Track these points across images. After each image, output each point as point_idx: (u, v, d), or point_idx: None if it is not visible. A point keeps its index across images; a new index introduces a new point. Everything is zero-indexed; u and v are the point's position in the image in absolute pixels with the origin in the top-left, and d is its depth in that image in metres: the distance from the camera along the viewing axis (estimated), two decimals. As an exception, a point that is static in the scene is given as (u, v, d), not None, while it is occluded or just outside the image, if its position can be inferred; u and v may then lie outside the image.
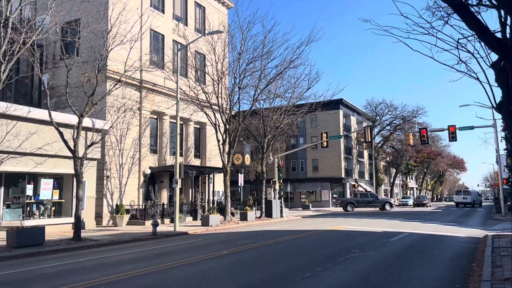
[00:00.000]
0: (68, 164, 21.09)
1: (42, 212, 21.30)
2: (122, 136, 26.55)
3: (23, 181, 20.81)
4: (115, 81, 20.92)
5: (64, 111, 22.94)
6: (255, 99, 29.32)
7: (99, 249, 15.76)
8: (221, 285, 8.79)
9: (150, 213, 26.10)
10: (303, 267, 10.69)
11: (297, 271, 10.07)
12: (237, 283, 8.96)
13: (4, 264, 12.25)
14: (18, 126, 19.56)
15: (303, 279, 9.24)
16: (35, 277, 10.24)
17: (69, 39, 20.41)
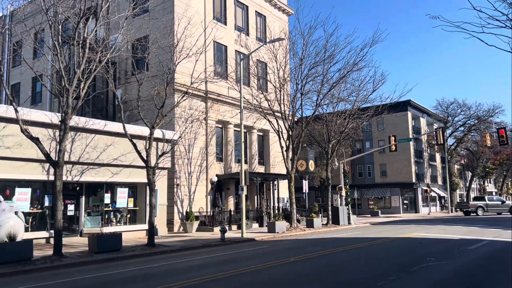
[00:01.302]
0: (141, 173, 22.22)
1: (118, 219, 22.62)
2: (190, 146, 27.51)
3: (101, 190, 22.26)
4: (183, 93, 21.77)
5: (137, 124, 24.28)
6: (318, 104, 29.04)
7: (172, 254, 16.37)
8: (291, 293, 8.73)
9: (218, 219, 26.70)
10: (375, 276, 10.31)
11: (369, 280, 9.74)
12: (307, 291, 8.84)
13: (88, 268, 13.14)
14: (96, 139, 20.99)
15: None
16: (115, 281, 10.85)
17: (139, 55, 21.62)
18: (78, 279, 11.19)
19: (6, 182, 18.08)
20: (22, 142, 17.46)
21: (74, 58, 16.30)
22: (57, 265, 13.42)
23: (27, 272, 12.55)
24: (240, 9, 33.45)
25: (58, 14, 16.72)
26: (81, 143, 20.34)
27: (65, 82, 15.37)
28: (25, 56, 19.36)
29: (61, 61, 15.33)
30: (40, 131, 17.85)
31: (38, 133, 17.09)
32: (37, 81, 32.14)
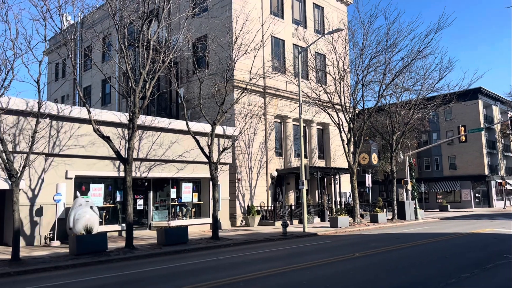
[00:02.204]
0: (204, 169, 22.87)
1: (184, 213, 23.47)
2: (250, 141, 27.82)
3: (167, 186, 23.21)
4: (242, 89, 22.04)
5: (199, 121, 24.99)
6: (381, 95, 28.09)
7: (235, 248, 16.70)
8: (356, 288, 8.55)
9: (279, 214, 26.80)
10: (446, 272, 9.80)
11: (439, 277, 9.28)
12: (374, 286, 8.61)
13: (157, 260, 13.78)
14: (161, 136, 21.90)
15: (447, 285, 8.47)
16: (185, 272, 11.27)
17: (199, 54, 22.19)
18: (149, 270, 11.77)
19: (82, 179, 19.42)
20: (95, 141, 18.65)
21: (139, 59, 17.06)
22: (129, 257, 14.20)
23: (103, 263, 13.41)
24: (298, 2, 33.14)
25: (124, 18, 17.60)
26: (148, 141, 21.31)
27: (132, 83, 16.16)
28: (95, 59, 20.62)
29: (127, 63, 16.13)
30: (110, 130, 18.94)
31: (109, 132, 18.15)
32: (106, 83, 34.10)
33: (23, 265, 12.52)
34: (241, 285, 9.01)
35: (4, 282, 10.68)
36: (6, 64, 13.36)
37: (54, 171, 18.25)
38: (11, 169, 13.53)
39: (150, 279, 10.31)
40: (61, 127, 18.37)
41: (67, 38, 16.06)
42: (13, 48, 13.57)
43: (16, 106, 16.37)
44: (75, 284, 10.17)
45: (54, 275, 11.45)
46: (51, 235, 17.66)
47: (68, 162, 18.72)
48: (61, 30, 16.16)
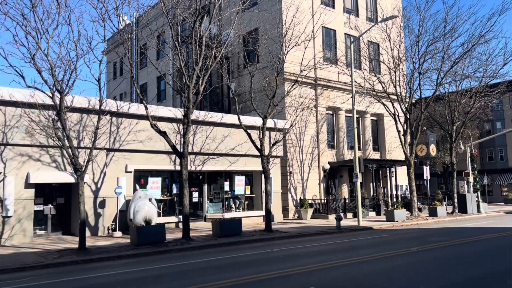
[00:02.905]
0: (256, 162, 23.04)
1: (237, 205, 23.83)
2: (301, 134, 27.63)
3: (221, 179, 23.65)
4: (292, 82, 21.90)
5: (250, 114, 25.16)
6: (439, 83, 26.78)
7: (288, 240, 16.72)
8: (415, 284, 8.26)
9: (332, 207, 26.47)
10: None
11: (505, 275, 8.74)
12: (434, 282, 8.29)
13: (213, 251, 14.12)
14: (214, 130, 22.31)
15: (517, 284, 7.96)
16: (239, 264, 11.46)
17: (250, 48, 22.29)
18: (205, 260, 12.09)
19: (141, 172, 20.26)
20: (152, 136, 19.36)
21: (192, 56, 17.43)
22: (186, 247, 14.66)
23: (162, 253, 13.95)
24: (348, -10, 32.26)
25: (177, 15, 18.04)
26: (202, 135, 21.80)
27: (185, 79, 16.57)
28: (150, 57, 21.36)
29: (181, 59, 16.54)
30: (166, 126, 19.57)
31: (165, 127, 18.76)
32: (161, 80, 35.23)
33: (89, 254, 13.32)
34: (296, 278, 9.02)
35: (73, 270, 11.42)
36: (70, 65, 14.17)
37: (115, 165, 19.18)
38: (76, 163, 14.39)
39: (207, 270, 10.59)
40: (121, 123, 19.24)
41: (124, 37, 16.74)
42: (75, 49, 14.37)
43: (79, 104, 17.34)
44: (137, 273, 10.66)
45: (117, 264, 12.08)
46: (113, 226, 18.62)
47: (128, 156, 19.59)
48: (118, 30, 16.86)
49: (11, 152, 16.53)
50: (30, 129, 16.27)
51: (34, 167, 16.95)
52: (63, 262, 12.25)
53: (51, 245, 15.44)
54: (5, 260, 12.41)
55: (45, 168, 17.25)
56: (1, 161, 16.26)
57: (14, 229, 16.32)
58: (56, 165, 17.59)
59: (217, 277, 9.33)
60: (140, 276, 10.11)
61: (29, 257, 13.00)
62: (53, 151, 17.45)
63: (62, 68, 14.13)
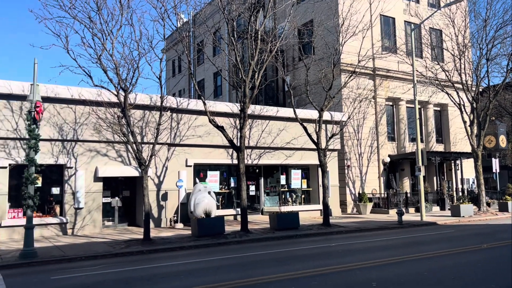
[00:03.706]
0: (312, 155, 22.85)
1: (294, 199, 23.79)
2: (359, 126, 26.96)
3: (277, 172, 23.72)
4: (350, 73, 21.39)
5: (306, 108, 24.96)
6: (509, 70, 24.93)
7: (347, 235, 16.44)
8: (485, 282, 7.80)
9: (393, 201, 25.63)
10: None
11: None
12: (508, 281, 7.77)
13: (270, 244, 14.23)
14: (270, 124, 22.39)
15: None
16: (296, 257, 11.45)
17: (305, 40, 22.04)
18: (263, 253, 12.22)
19: (200, 166, 20.83)
20: (210, 131, 19.82)
21: (248, 50, 17.57)
22: (244, 240, 14.90)
23: (221, 245, 14.28)
24: (408, -24, 30.85)
25: (232, 11, 18.24)
26: (258, 129, 21.97)
27: (241, 74, 16.75)
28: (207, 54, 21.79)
29: (237, 55, 16.72)
30: (223, 120, 19.93)
31: (222, 122, 19.11)
32: (217, 75, 35.88)
33: (153, 245, 13.94)
34: (357, 273, 8.85)
35: (139, 259, 12.02)
36: (133, 64, 14.83)
37: (175, 160, 19.87)
38: (140, 158, 15.07)
39: (267, 262, 10.69)
40: (180, 119, 19.87)
41: (182, 35, 17.22)
42: (137, 48, 15.01)
43: (142, 101, 18.11)
44: (199, 263, 11.01)
45: (180, 255, 12.54)
46: (175, 218, 19.33)
47: (188, 151, 20.21)
48: (177, 28, 17.37)
49: (81, 147, 17.66)
50: (97, 126, 17.27)
51: (101, 161, 17.99)
52: (130, 251, 12.93)
53: (118, 236, 16.35)
54: (79, 249, 13.32)
55: (112, 162, 18.25)
56: (72, 156, 17.42)
57: (85, 220, 17.46)
58: (121, 159, 18.55)
59: (277, 269, 9.39)
60: (202, 267, 10.42)
61: (99, 246, 13.85)
62: (119, 147, 18.41)
63: (126, 67, 14.84)
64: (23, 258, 11.80)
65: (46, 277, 9.69)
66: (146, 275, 9.47)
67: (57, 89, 16.75)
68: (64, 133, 17.15)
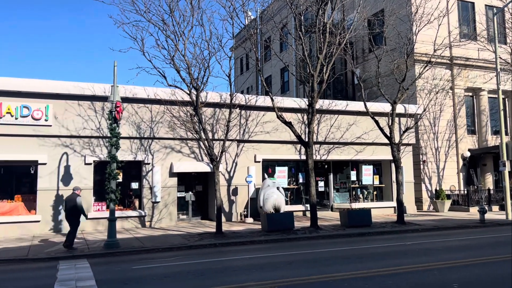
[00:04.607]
0: (384, 150, 22.04)
1: (365, 196, 23.14)
2: (436, 119, 25.50)
3: (347, 168, 23.20)
4: (424, 63, 20.27)
5: (377, 101, 24.12)
6: None
7: (423, 233, 15.66)
8: None
9: (473, 199, 23.96)
10: None
11: None
12: None
13: (341, 241, 13.97)
14: (339, 119, 21.95)
15: None
16: (369, 255, 11.12)
17: (376, 31, 21.26)
18: (334, 250, 12.03)
19: (268, 162, 20.99)
20: (277, 127, 19.89)
21: (316, 44, 17.34)
22: (314, 236, 14.77)
23: (291, 240, 14.29)
24: (489, -45, 28.50)
25: (300, 5, 18.08)
26: (326, 124, 21.64)
27: (309, 68, 16.56)
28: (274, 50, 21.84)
29: (305, 49, 16.56)
30: (291, 116, 19.89)
31: (290, 118, 19.07)
32: (284, 71, 35.85)
33: (225, 238, 14.31)
34: (435, 273, 8.39)
35: (212, 252, 12.41)
36: (204, 63, 15.29)
37: (244, 156, 20.21)
38: (212, 154, 15.53)
39: (338, 259, 10.52)
40: (249, 116, 20.15)
41: (250, 32, 17.41)
42: (208, 48, 15.45)
43: (213, 99, 18.63)
44: (269, 258, 11.11)
45: (250, 249, 12.75)
46: (245, 213, 19.69)
47: (256, 147, 20.46)
48: (245, 26, 17.60)
49: (157, 144, 18.59)
50: (172, 124, 18.08)
51: (176, 158, 18.81)
52: (203, 244, 13.39)
53: (192, 229, 17.01)
54: (156, 241, 14.06)
55: (185, 158, 19.01)
56: (149, 153, 18.41)
57: (161, 213, 18.38)
58: (194, 156, 19.25)
59: (350, 267, 9.20)
60: (273, 262, 10.50)
61: (174, 238, 14.51)
62: (192, 143, 19.12)
63: (197, 67, 15.34)
64: (107, 248, 12.71)
65: (128, 267, 10.35)
66: (219, 268, 9.74)
67: (134, 89, 17.76)
68: (141, 131, 18.17)
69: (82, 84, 17.22)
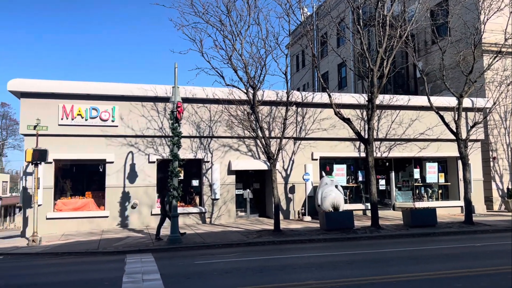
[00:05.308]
0: (450, 147, 20.93)
1: (430, 195, 22.11)
2: (507, 113, 23.77)
3: (409, 166, 22.29)
4: (494, 53, 18.96)
5: (441, 95, 22.95)
6: None
7: (494, 235, 14.67)
8: None
9: (552, 199, 22.06)
10: None
11: None
12: None
13: (404, 241, 13.45)
14: (400, 114, 21.14)
15: None
16: (435, 257, 10.58)
17: (440, 21, 20.21)
18: (396, 250, 11.60)
19: (326, 160, 20.70)
20: (335, 123, 19.55)
21: (375, 38, 16.80)
22: (375, 236, 14.35)
23: (350, 240, 13.99)
24: None
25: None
26: (387, 120, 20.94)
27: (369, 63, 16.08)
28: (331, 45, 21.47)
29: (364, 43, 16.10)
30: (349, 112, 19.46)
31: (348, 114, 18.65)
32: (341, 67, 35.15)
33: (283, 236, 14.31)
34: (510, 278, 7.81)
35: (270, 249, 12.46)
36: (260, 61, 15.38)
37: (301, 153, 20.08)
38: (269, 152, 15.59)
39: (400, 260, 10.13)
40: (305, 113, 19.99)
41: (307, 28, 17.23)
42: (264, 46, 15.51)
43: (269, 97, 18.69)
44: (328, 257, 10.95)
45: (309, 247, 12.65)
46: (302, 211, 19.57)
47: (313, 144, 20.25)
48: (301, 22, 17.46)
49: (216, 143, 18.99)
50: (229, 122, 18.38)
51: (234, 156, 19.10)
52: (261, 241, 13.49)
53: (250, 226, 17.20)
54: (216, 237, 14.37)
55: (242, 156, 19.25)
56: (208, 151, 18.84)
57: (221, 210, 18.76)
58: (251, 154, 19.44)
59: (414, 268, 8.82)
60: (333, 261, 10.33)
61: (233, 235, 14.75)
62: (249, 141, 19.31)
63: (254, 65, 15.46)
64: (170, 243, 13.20)
65: (190, 262, 10.67)
66: (278, 265, 9.75)
67: (194, 90, 18.26)
68: (201, 130, 18.65)
69: (145, 86, 18.00)
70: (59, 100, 17.17)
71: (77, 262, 11.39)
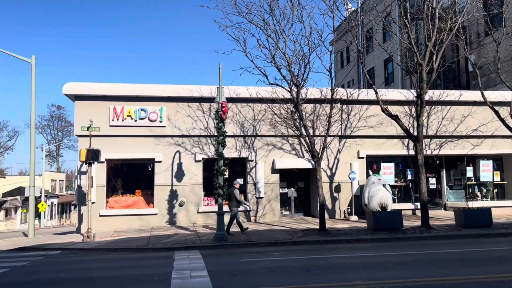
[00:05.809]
0: (506, 143, 19.83)
1: (484, 194, 21.04)
2: None
3: (461, 163, 21.32)
4: (555, 42, 17.76)
5: (496, 89, 21.76)
6: None
7: (558, 238, 13.70)
8: None
9: None
10: None
11: None
12: None
13: (456, 242, 12.88)
14: (451, 110, 20.28)
15: None
16: (495, 258, 10.07)
17: (494, 12, 19.17)
18: (447, 251, 11.14)
19: (373, 158, 20.22)
20: (382, 121, 19.05)
21: (424, 31, 16.20)
22: (425, 236, 13.84)
23: (399, 240, 13.57)
24: None
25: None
26: (437, 116, 20.15)
27: (417, 57, 15.52)
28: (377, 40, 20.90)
29: (412, 37, 15.56)
30: (397, 109, 18.88)
31: (396, 111, 18.11)
32: (388, 62, 34.17)
33: (329, 235, 14.14)
34: None
35: (316, 248, 12.35)
36: (304, 59, 15.26)
37: (347, 151, 19.73)
38: (313, 150, 15.45)
39: (453, 261, 9.71)
40: (351, 110, 19.62)
41: (352, 24, 16.90)
42: (307, 44, 15.38)
43: (313, 95, 18.51)
44: (377, 257, 10.68)
45: (356, 247, 12.41)
46: (349, 210, 19.24)
47: (359, 142, 19.85)
48: (345, 18, 17.14)
49: (259, 142, 19.06)
50: (273, 121, 18.39)
51: (277, 154, 19.10)
52: (307, 240, 13.40)
53: (295, 224, 17.13)
54: (262, 235, 14.44)
55: (286, 155, 19.20)
56: (252, 150, 18.96)
57: (265, 209, 18.83)
58: (295, 152, 19.34)
59: (468, 270, 8.41)
60: (380, 261, 10.08)
61: (279, 234, 14.75)
62: (292, 140, 19.23)
63: (297, 63, 15.35)
64: (216, 240, 13.41)
65: (236, 259, 10.78)
66: (324, 265, 9.64)
67: (238, 90, 18.43)
68: (244, 129, 18.80)
69: (190, 87, 18.38)
70: (110, 102, 17.91)
71: (128, 258, 11.83)
